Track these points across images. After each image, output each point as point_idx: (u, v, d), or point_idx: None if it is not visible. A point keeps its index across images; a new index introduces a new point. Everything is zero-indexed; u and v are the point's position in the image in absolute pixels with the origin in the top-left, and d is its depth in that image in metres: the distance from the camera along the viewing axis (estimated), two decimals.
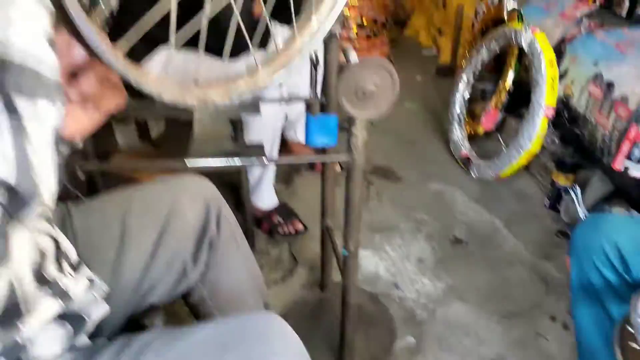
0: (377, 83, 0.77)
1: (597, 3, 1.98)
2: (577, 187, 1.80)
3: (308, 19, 0.66)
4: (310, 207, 1.81)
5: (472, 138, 2.33)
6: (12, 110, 0.38)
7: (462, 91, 2.34)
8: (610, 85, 1.67)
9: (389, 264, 1.69)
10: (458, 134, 2.30)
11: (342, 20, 0.80)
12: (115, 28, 1.58)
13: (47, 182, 0.43)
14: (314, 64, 0.91)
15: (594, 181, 1.82)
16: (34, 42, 0.39)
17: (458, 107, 2.34)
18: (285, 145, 2.05)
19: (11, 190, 0.39)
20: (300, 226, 1.77)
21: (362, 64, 0.76)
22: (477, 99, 2.56)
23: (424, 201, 2.00)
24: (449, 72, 3.09)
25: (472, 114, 2.53)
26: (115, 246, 0.80)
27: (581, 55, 1.84)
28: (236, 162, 0.86)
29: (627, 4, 1.79)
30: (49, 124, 0.42)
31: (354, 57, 0.83)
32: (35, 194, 0.41)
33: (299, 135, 2.03)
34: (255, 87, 0.65)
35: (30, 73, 0.39)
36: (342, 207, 0.99)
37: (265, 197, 1.76)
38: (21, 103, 0.39)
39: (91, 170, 1.56)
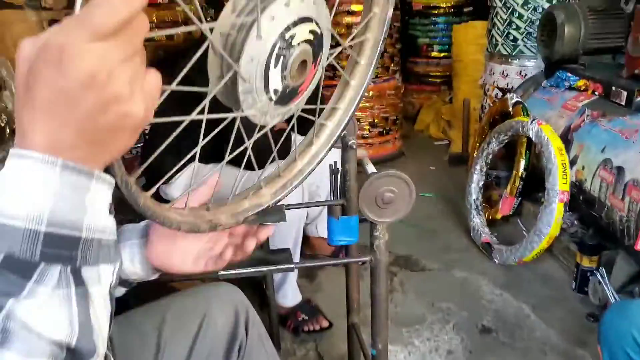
0: (395, 191, 0.85)
1: (597, 94, 2.09)
2: (603, 269, 1.80)
3: (309, 144, 0.76)
4: (335, 302, 1.82)
5: (491, 223, 2.36)
6: (79, 281, 0.40)
7: (477, 180, 2.41)
8: (620, 170, 1.72)
9: (419, 357, 1.65)
10: (477, 221, 2.34)
11: (356, 129, 0.88)
12: (147, 149, 1.72)
13: (103, 334, 0.44)
14: (334, 172, 1.00)
15: (618, 262, 1.81)
16: (100, 218, 0.41)
17: (474, 195, 2.40)
18: (307, 241, 2.10)
19: (70, 350, 0.40)
20: (325, 322, 1.77)
21: (380, 175, 0.84)
22: (491, 185, 2.63)
23: (449, 290, 2.00)
24: (461, 161, 3.19)
25: (488, 200, 2.58)
26: (151, 355, 0.84)
27: (588, 143, 1.93)
28: (264, 270, 0.91)
29: (624, 93, 1.89)
30: (108, 282, 0.44)
31: (371, 167, 0.92)
32: (94, 351, 0.43)
33: (319, 230, 2.08)
34: (258, 206, 0.70)
35: (95, 243, 0.41)
36: (367, 301, 1.01)
37: (289, 295, 1.78)
38: (86, 273, 0.40)
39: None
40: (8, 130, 1.02)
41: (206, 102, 0.52)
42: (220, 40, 0.50)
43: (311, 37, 0.55)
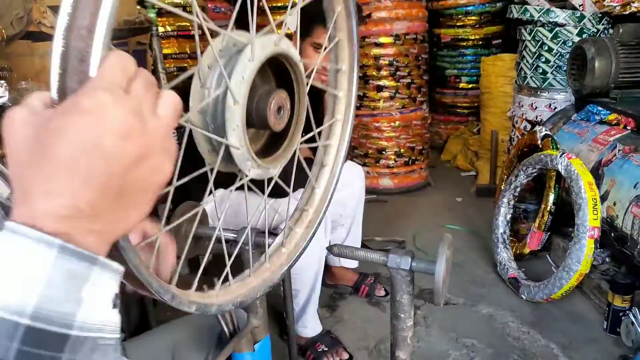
0: None
1: (629, 128, 2.05)
2: (636, 310, 1.73)
3: (279, 248, 0.73)
4: (356, 333, 1.79)
5: (519, 258, 2.31)
6: None
7: (504, 213, 2.37)
8: None
9: None
10: (504, 255, 2.29)
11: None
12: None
13: None
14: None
15: None
16: (99, 312, 0.34)
17: (501, 228, 2.35)
18: (328, 271, 2.09)
19: None
20: (345, 355, 1.74)
21: None
22: (519, 218, 2.58)
23: (474, 326, 1.95)
24: (489, 192, 3.15)
25: (516, 234, 2.53)
26: None
27: (620, 178, 1.88)
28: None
29: None
30: None
31: None
32: None
33: (342, 260, 2.07)
34: (249, 297, 0.66)
35: (89, 344, 0.33)
36: (388, 333, 0.99)
37: (309, 325, 1.76)
38: None
39: (144, 299, 1.64)
40: None
41: (211, 179, 0.53)
42: (201, 119, 0.50)
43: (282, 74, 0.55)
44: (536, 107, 2.79)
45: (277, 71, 0.57)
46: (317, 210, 0.76)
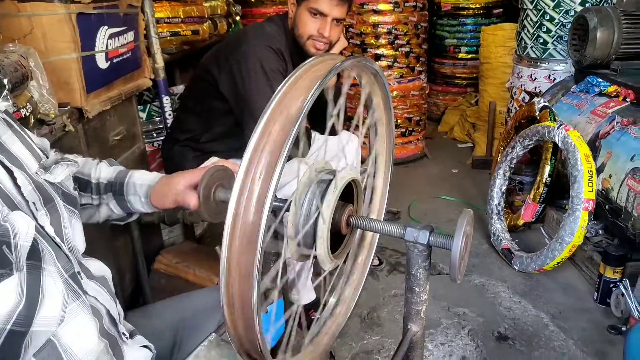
0: None
1: (628, 100, 2.03)
2: (627, 281, 1.74)
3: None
4: None
5: (513, 230, 2.32)
6: None
7: (500, 185, 2.37)
8: None
9: None
10: (498, 226, 2.30)
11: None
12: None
13: None
14: None
15: None
16: None
17: (496, 200, 2.36)
18: None
19: None
20: None
21: None
22: (514, 190, 2.58)
23: (465, 295, 1.97)
24: (485, 164, 3.15)
25: (510, 206, 2.53)
26: (167, 350, 0.85)
27: (617, 151, 1.87)
28: None
29: None
30: None
31: None
32: None
33: None
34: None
35: None
36: (380, 302, 1.00)
37: (302, 292, 1.77)
38: None
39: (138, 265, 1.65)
40: (32, 120, 1.04)
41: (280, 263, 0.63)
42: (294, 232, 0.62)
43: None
44: (535, 78, 2.76)
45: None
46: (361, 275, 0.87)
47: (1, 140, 0.65)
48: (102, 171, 0.89)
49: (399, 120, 3.34)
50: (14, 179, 0.61)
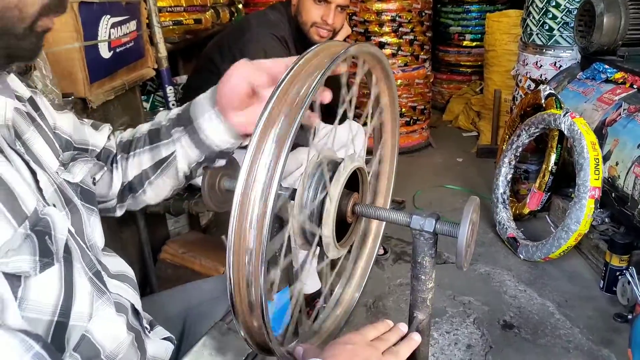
0: None
1: (635, 87, 2.01)
2: (633, 269, 1.74)
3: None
4: None
5: (518, 218, 2.31)
6: None
7: (505, 173, 2.36)
8: None
9: (437, 350, 1.64)
10: (503, 215, 2.29)
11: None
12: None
13: None
14: None
15: None
16: None
17: (502, 188, 2.35)
18: None
19: None
20: None
21: None
22: (520, 179, 2.57)
23: (471, 284, 1.97)
24: (490, 153, 3.13)
25: (516, 194, 2.52)
26: (176, 339, 0.85)
27: (623, 138, 1.86)
28: None
29: None
30: None
31: None
32: None
33: None
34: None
35: None
36: (385, 291, 1.00)
37: (308, 281, 1.78)
38: None
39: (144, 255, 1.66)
40: None
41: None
42: (301, 212, 0.63)
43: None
44: (541, 66, 2.73)
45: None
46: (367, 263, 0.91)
47: (24, 138, 0.63)
48: (141, 127, 0.85)
49: (403, 109, 3.33)
50: (36, 181, 0.60)
